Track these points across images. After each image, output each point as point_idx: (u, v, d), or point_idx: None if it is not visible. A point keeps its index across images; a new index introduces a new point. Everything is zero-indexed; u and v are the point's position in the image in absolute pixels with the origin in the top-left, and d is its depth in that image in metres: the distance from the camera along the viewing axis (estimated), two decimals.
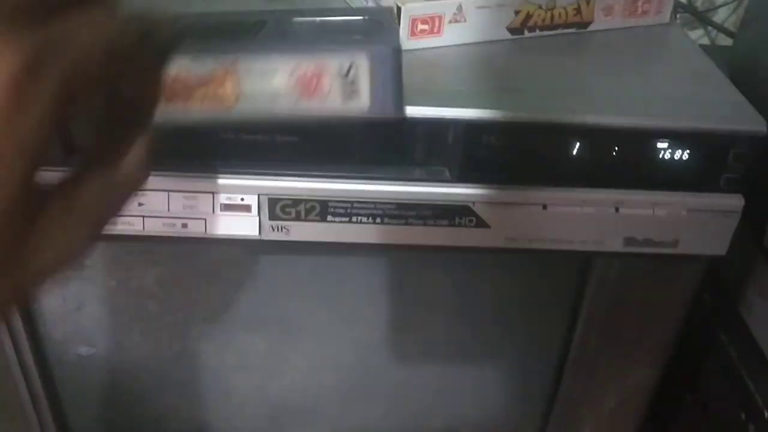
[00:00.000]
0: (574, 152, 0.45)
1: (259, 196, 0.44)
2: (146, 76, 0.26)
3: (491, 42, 0.50)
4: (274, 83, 0.29)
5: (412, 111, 0.43)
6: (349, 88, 0.30)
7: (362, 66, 0.29)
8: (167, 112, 0.28)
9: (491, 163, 0.44)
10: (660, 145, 0.45)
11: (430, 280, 0.63)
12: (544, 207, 0.46)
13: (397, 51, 0.30)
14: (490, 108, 0.43)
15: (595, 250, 0.47)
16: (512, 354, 0.69)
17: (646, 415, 0.76)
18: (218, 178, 0.44)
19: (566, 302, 0.63)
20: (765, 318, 0.67)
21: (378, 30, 0.33)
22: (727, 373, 0.73)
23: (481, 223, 0.46)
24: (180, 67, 0.28)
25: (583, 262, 0.58)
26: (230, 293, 0.62)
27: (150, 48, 0.26)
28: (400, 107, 0.29)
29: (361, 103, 0.30)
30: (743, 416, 0.70)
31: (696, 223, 0.46)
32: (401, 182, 0.45)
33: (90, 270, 0.58)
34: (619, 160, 0.45)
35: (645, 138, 0.44)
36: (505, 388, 0.72)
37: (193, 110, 0.29)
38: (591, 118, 0.43)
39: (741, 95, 0.47)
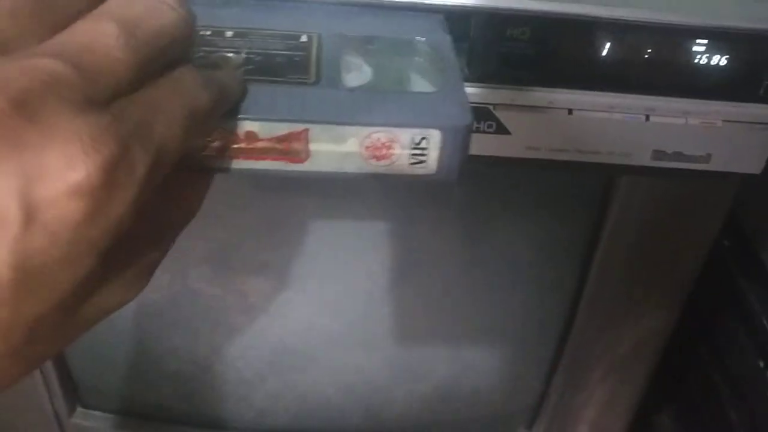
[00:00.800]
0: (605, 52, 0.41)
1: None
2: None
3: None
4: (345, 147, 0.30)
5: None
6: (418, 157, 0.30)
7: (434, 139, 0.30)
8: (235, 163, 0.29)
9: (515, 61, 0.41)
10: (696, 47, 0.41)
11: (438, 215, 0.60)
12: (570, 112, 0.42)
13: (468, 128, 0.31)
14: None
15: (621, 164, 0.44)
16: (522, 294, 0.66)
17: (660, 363, 0.73)
18: None
19: (585, 232, 0.61)
20: None
21: (447, 97, 0.33)
22: (745, 319, 0.70)
23: (501, 129, 0.43)
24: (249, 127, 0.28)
25: (605, 185, 0.55)
26: (232, 233, 0.59)
27: (226, 104, 0.26)
28: (462, 171, 0.30)
29: (428, 169, 0.31)
30: (761, 364, 0.67)
31: (731, 135, 0.43)
32: None
33: None
34: (652, 62, 0.42)
35: (681, 38, 0.41)
36: (514, 331, 0.69)
37: (262, 164, 0.28)
38: (624, 13, 0.40)
39: None
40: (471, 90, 0.42)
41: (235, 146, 0.29)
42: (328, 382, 0.72)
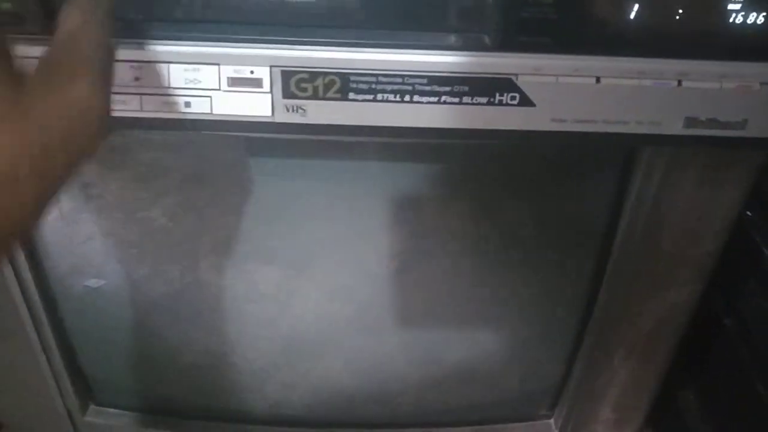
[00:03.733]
0: (632, 15, 0.39)
1: (271, 68, 0.39)
2: None
3: None
4: None
5: None
6: None
7: None
8: None
9: (537, 29, 0.38)
10: (731, 5, 0.38)
11: (451, 195, 0.58)
12: (597, 80, 0.40)
13: None
14: None
15: (651, 133, 0.41)
16: (541, 274, 0.64)
17: (684, 338, 0.71)
18: (224, 46, 0.38)
19: (605, 208, 0.58)
20: None
21: None
22: None
23: (525, 101, 0.40)
24: None
25: (626, 157, 0.52)
26: (241, 222, 0.57)
27: None
28: None
29: None
30: None
31: None
32: (433, 51, 0.39)
33: (97, 201, 0.54)
34: (683, 24, 0.39)
35: None
36: (533, 314, 0.67)
37: None
38: None
39: None
40: (492, 59, 0.39)
41: None
42: (341, 368, 0.70)
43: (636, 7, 0.38)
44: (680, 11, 0.39)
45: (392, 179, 0.55)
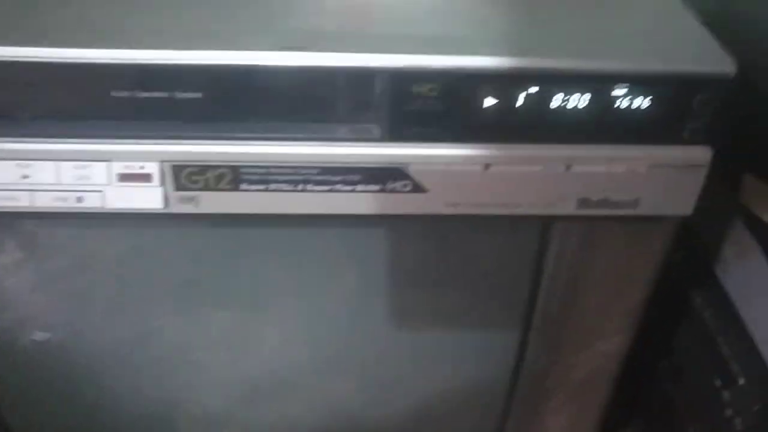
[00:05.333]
0: (518, 103, 0.39)
1: (161, 163, 0.39)
2: None
3: None
4: None
5: (332, 58, 0.37)
6: None
7: None
8: None
9: (424, 120, 0.39)
10: (615, 91, 0.39)
11: (397, 250, 0.58)
12: (486, 167, 0.40)
13: None
14: (421, 53, 0.38)
15: (545, 214, 0.42)
16: (473, 326, 0.64)
17: (620, 382, 0.72)
18: (112, 143, 0.38)
19: (526, 268, 0.59)
20: (741, 280, 0.63)
21: None
22: (701, 337, 0.69)
23: (417, 188, 0.41)
24: None
25: (543, 224, 0.53)
26: (195, 267, 0.57)
27: None
28: None
29: None
30: (717, 382, 0.66)
31: (658, 180, 0.41)
32: (324, 143, 0.39)
33: (44, 249, 0.53)
34: (569, 111, 0.40)
35: (597, 84, 0.39)
36: (470, 363, 0.68)
37: None
38: (536, 62, 0.38)
39: (707, 32, 0.41)
40: (383, 150, 0.40)
41: None
42: (300, 411, 0.69)
43: (521, 95, 0.39)
44: (565, 99, 0.39)
45: (346, 230, 0.55)
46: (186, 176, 0.39)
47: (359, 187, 0.40)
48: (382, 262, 0.57)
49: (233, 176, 0.39)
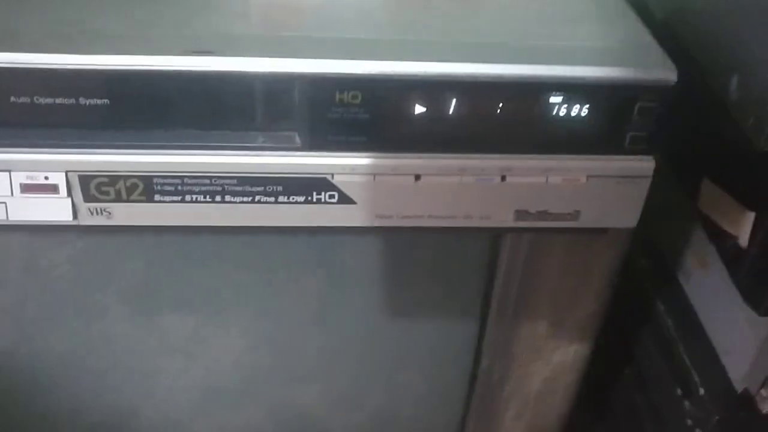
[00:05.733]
0: (450, 111, 0.37)
1: (66, 173, 0.36)
2: None
3: None
4: None
5: (250, 63, 0.35)
6: None
7: None
8: None
9: (349, 127, 0.37)
10: (550, 99, 0.37)
11: (352, 257, 0.56)
12: (417, 177, 0.38)
13: None
14: (345, 58, 0.35)
15: (482, 226, 0.40)
16: (430, 334, 0.63)
17: (580, 390, 0.71)
18: (12, 152, 0.36)
19: (478, 278, 0.57)
20: (703, 288, 0.61)
21: None
22: (664, 345, 0.68)
23: (344, 199, 0.39)
24: None
25: (493, 235, 0.51)
26: (149, 272, 0.55)
27: None
28: None
29: None
30: (678, 392, 0.65)
31: (599, 191, 0.39)
32: (242, 151, 0.37)
33: None
34: (503, 120, 0.37)
35: (532, 91, 0.37)
36: (427, 372, 0.66)
37: None
38: (466, 68, 0.36)
39: (651, 37, 0.39)
40: (305, 160, 0.37)
41: None
42: (261, 418, 0.68)
43: (453, 102, 0.37)
44: (499, 107, 0.37)
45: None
46: (95, 187, 0.37)
47: (282, 198, 0.38)
48: (338, 270, 0.56)
49: (145, 187, 0.37)
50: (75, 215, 0.38)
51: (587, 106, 0.37)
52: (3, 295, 0.53)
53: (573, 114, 0.38)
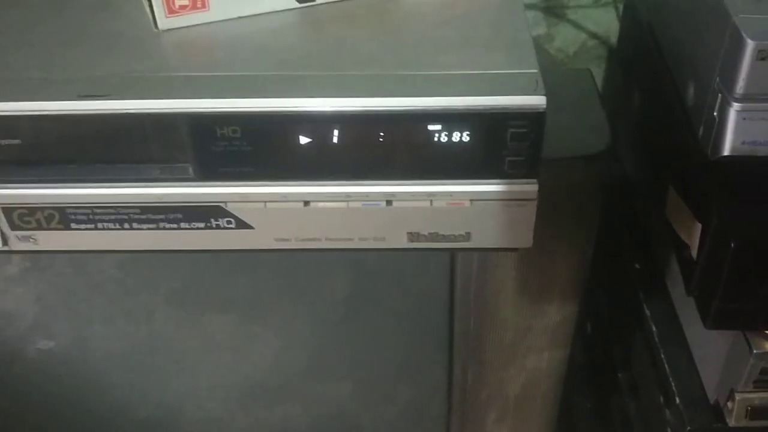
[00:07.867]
0: (332, 141, 0.39)
1: None
2: None
3: (274, 13, 0.45)
4: None
5: (138, 104, 0.38)
6: None
7: None
8: None
9: (236, 159, 0.39)
10: (428, 126, 0.39)
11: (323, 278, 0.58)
12: (306, 204, 0.40)
13: None
14: (225, 96, 0.38)
15: (378, 248, 0.42)
16: (406, 345, 0.64)
17: (564, 395, 0.71)
18: None
19: (441, 290, 0.58)
20: (684, 295, 0.60)
21: None
22: (649, 351, 0.67)
23: (242, 224, 0.41)
24: None
25: (451, 253, 0.52)
26: (194, 273, 0.59)
27: None
28: None
29: None
30: (661, 400, 0.64)
31: (485, 213, 0.40)
32: (140, 183, 0.40)
33: (46, 259, 0.55)
34: (385, 147, 0.39)
35: (408, 120, 0.38)
36: (406, 384, 0.68)
37: None
38: (340, 103, 0.38)
39: (535, 61, 0.40)
40: (199, 189, 0.40)
41: None
42: (297, 414, 0.71)
43: (334, 133, 0.39)
44: (381, 136, 0.39)
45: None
46: (18, 217, 0.41)
47: (184, 225, 0.41)
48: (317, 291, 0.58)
49: (61, 217, 0.41)
50: (5, 242, 0.42)
51: (464, 133, 0.38)
52: (58, 299, 0.56)
53: (452, 141, 0.39)
